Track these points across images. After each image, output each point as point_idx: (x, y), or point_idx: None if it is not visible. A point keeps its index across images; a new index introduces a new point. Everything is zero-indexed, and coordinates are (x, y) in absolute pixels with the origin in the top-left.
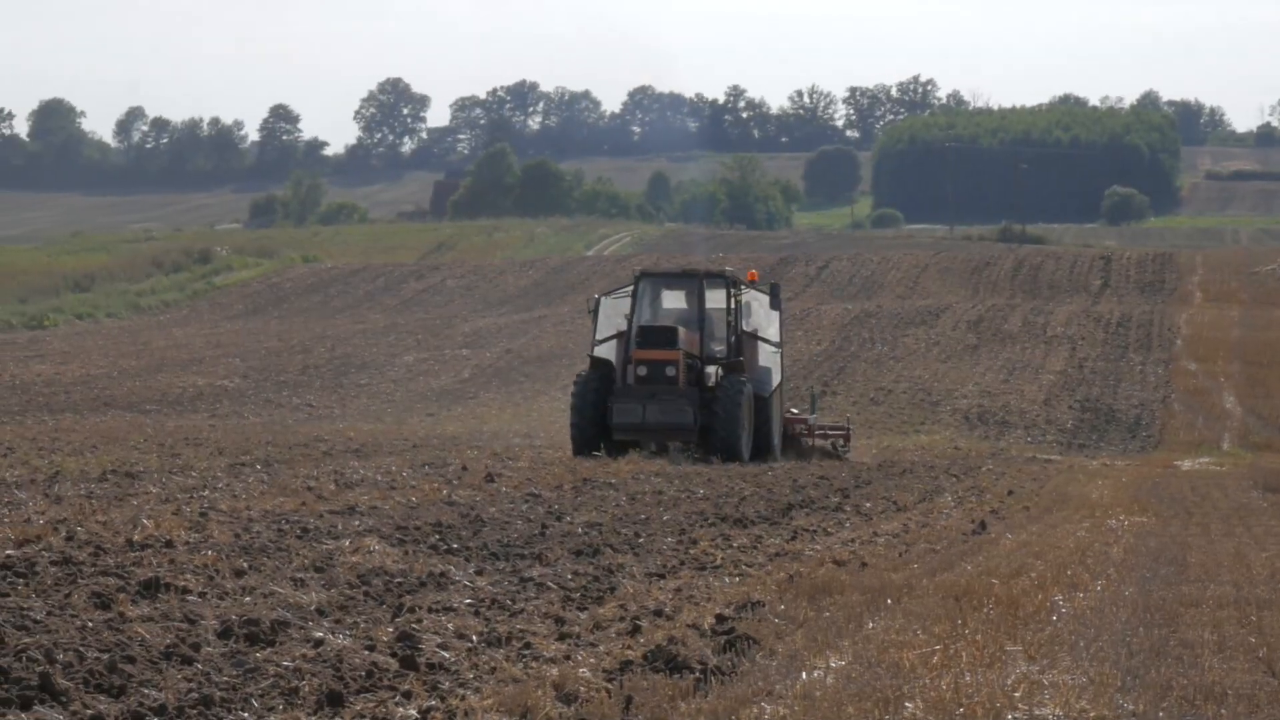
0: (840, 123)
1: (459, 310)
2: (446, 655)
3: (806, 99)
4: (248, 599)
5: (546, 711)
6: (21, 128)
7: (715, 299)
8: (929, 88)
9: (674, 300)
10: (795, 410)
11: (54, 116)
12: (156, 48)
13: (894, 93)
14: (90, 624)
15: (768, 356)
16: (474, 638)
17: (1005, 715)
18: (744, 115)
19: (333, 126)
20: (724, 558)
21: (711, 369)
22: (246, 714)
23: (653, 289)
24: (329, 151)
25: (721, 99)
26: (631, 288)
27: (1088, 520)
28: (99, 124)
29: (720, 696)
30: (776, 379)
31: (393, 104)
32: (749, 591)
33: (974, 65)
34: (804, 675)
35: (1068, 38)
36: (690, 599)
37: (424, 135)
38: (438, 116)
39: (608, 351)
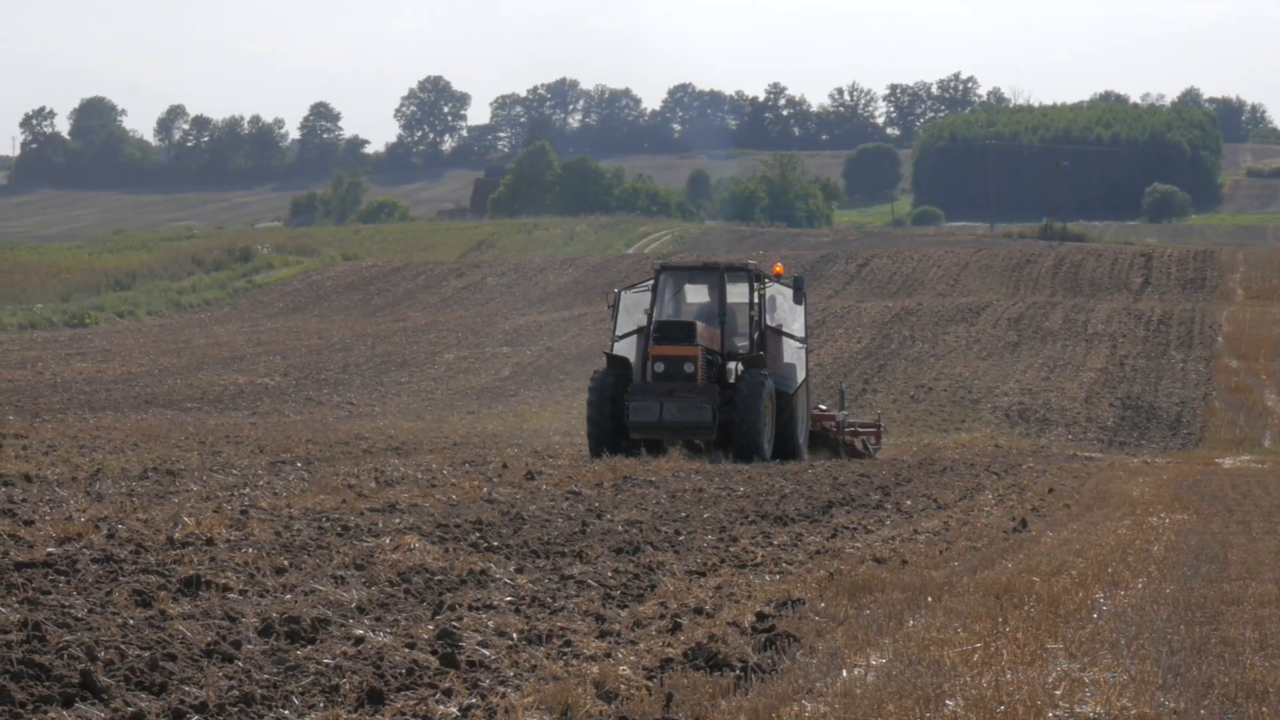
0: (881, 120)
1: (499, 308)
2: (487, 653)
3: (847, 96)
4: (288, 597)
5: (587, 709)
6: (63, 126)
7: (738, 293)
8: (969, 85)
9: (696, 295)
10: (824, 407)
11: (95, 115)
12: (197, 46)
13: (934, 90)
14: (131, 622)
15: (792, 352)
16: (514, 635)
17: (1046, 713)
18: (784, 113)
19: (373, 125)
20: (764, 555)
21: (733, 365)
22: (287, 711)
23: (673, 283)
24: (369, 150)
25: (762, 96)
26: (652, 282)
27: (1129, 518)
28: (140, 122)
29: (761, 694)
30: (801, 375)
31: (433, 102)
32: (789, 589)
33: (1014, 63)
34: (844, 673)
35: (1108, 35)
36: (730, 597)
37: (464, 133)
38: (478, 114)
39: (628, 347)
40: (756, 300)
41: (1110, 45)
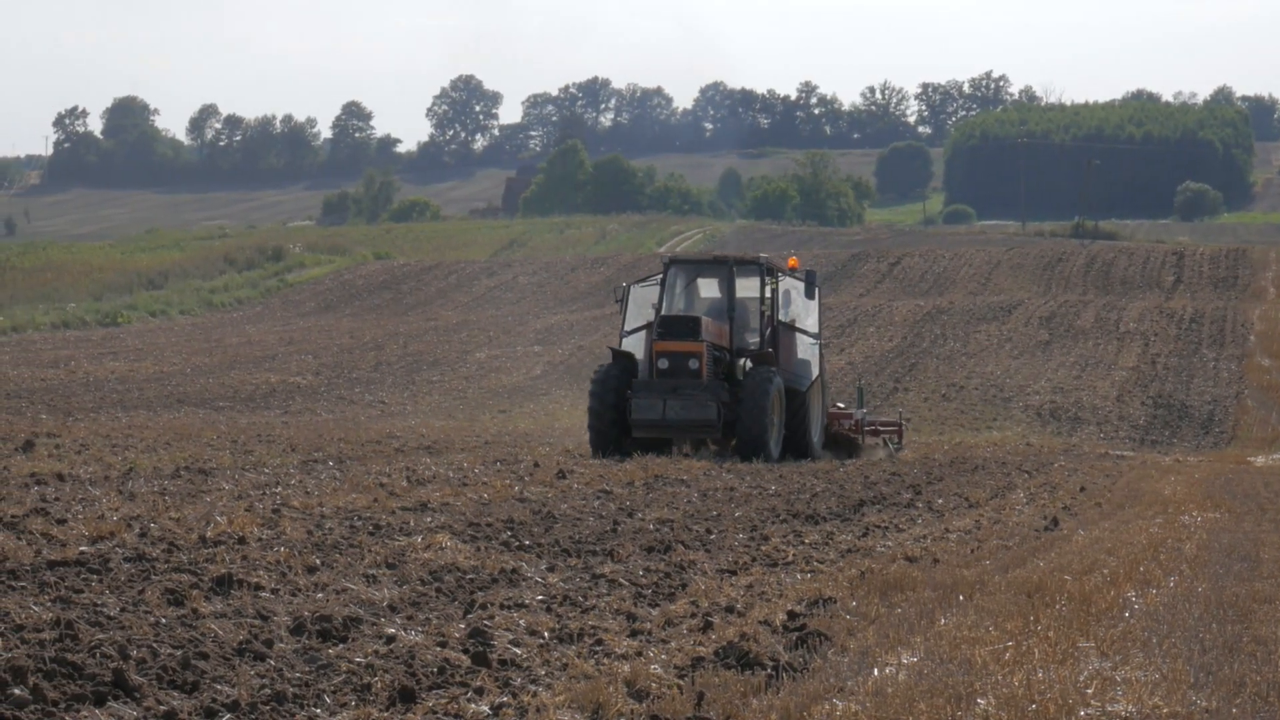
0: (912, 119)
1: (531, 307)
2: (518, 651)
3: (879, 95)
4: (320, 595)
5: (618, 708)
6: (96, 125)
7: (750, 288)
8: (1001, 84)
9: (708, 290)
10: (841, 405)
11: (128, 114)
12: (230, 46)
13: (966, 89)
14: (163, 620)
15: (806, 348)
16: (546, 634)
17: (1078, 712)
18: (816, 111)
19: (405, 124)
20: (795, 554)
21: (743, 362)
22: (319, 710)
23: (683, 277)
24: (401, 149)
25: (793, 95)
26: (661, 276)
27: (1160, 516)
28: (172, 122)
29: (792, 693)
30: (815, 372)
31: (465, 101)
32: (820, 588)
33: (1046, 61)
34: (875, 672)
35: (1140, 33)
36: (762, 595)
37: (496, 132)
38: (510, 113)
39: (636, 343)
40: (768, 295)
41: (1142, 43)
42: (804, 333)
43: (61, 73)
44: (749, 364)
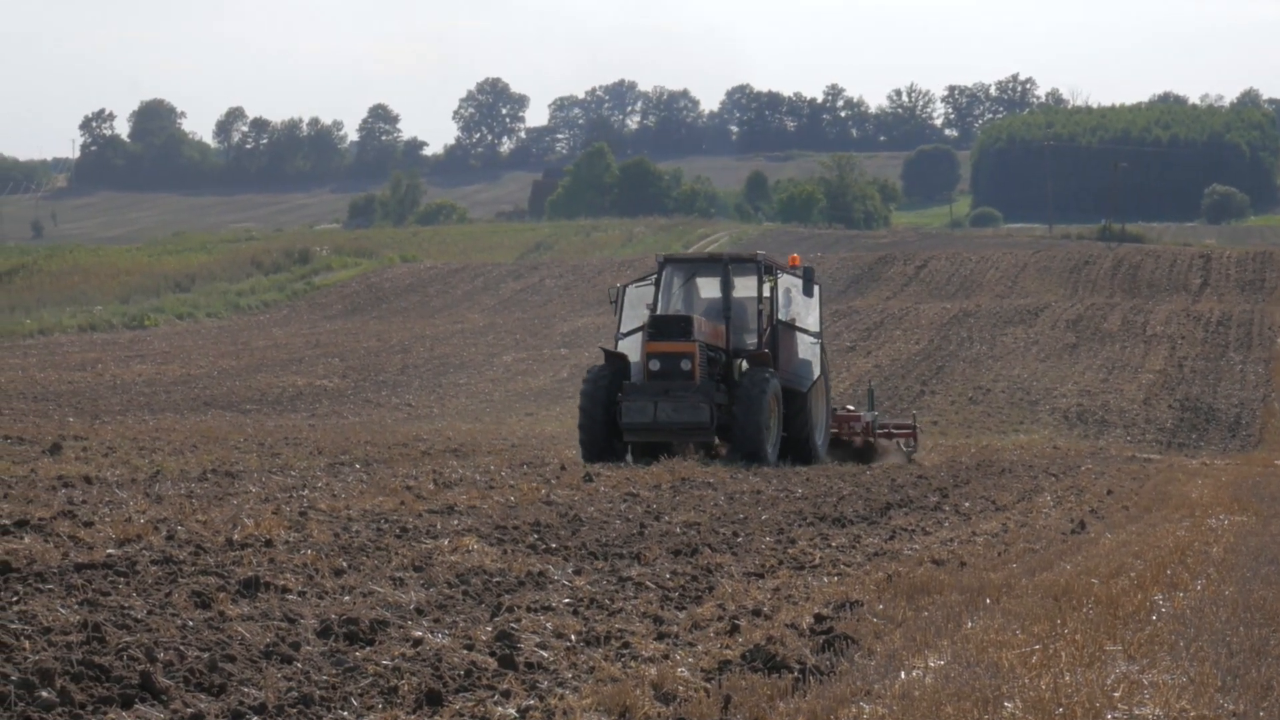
0: (939, 122)
1: (557, 310)
2: (545, 654)
3: (905, 98)
4: (347, 598)
5: (645, 711)
6: (122, 129)
7: (747, 286)
8: (1028, 86)
9: (707, 289)
10: (851, 407)
11: (154, 117)
12: (257, 49)
13: (993, 91)
14: (190, 623)
15: (807, 348)
16: (572, 637)
17: (1105, 715)
18: (842, 114)
19: (432, 127)
20: (822, 557)
21: (739, 362)
22: (346, 713)
23: (678, 277)
24: (428, 152)
25: (820, 98)
26: (656, 275)
27: (1187, 520)
28: (199, 125)
29: (819, 696)
30: (816, 372)
31: (491, 104)
32: (847, 591)
33: (1073, 64)
34: (902, 675)
35: (1167, 35)
36: (789, 598)
37: (522, 135)
38: (536, 116)
39: (632, 345)
40: (766, 294)
41: (1169, 46)
42: (805, 332)
43: (88, 76)
44: (742, 364)
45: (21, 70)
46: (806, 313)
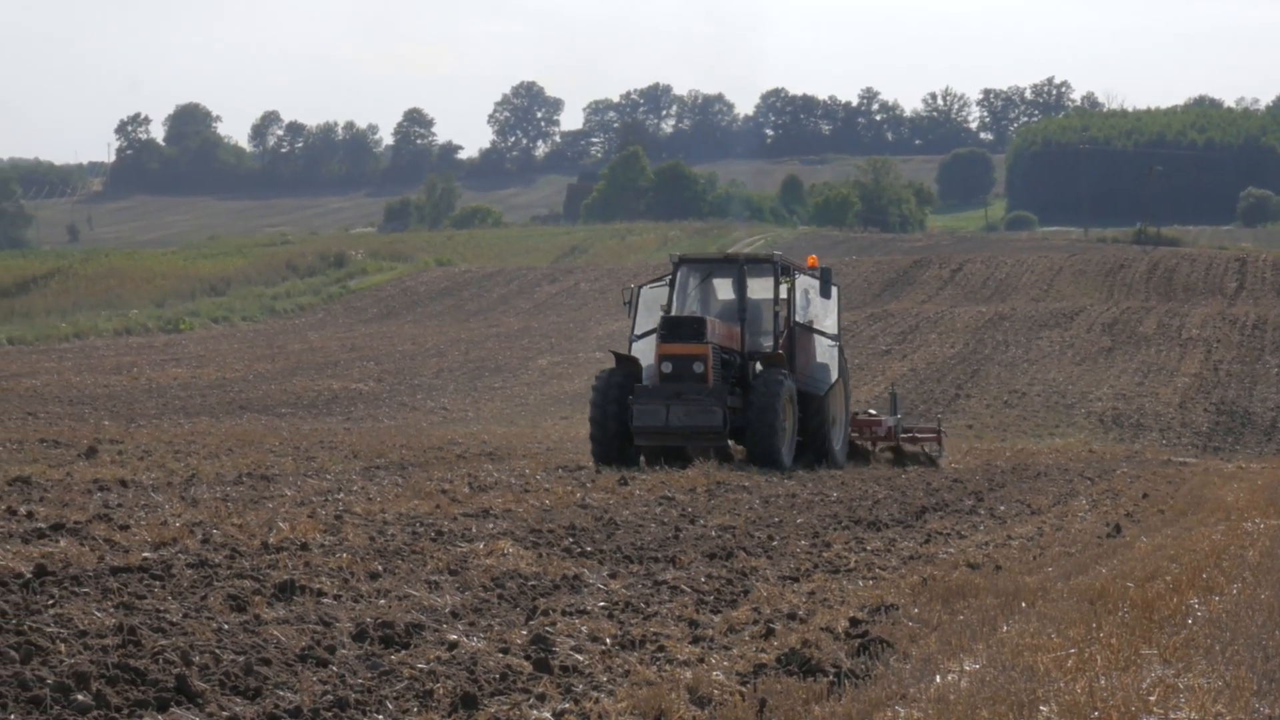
0: (974, 125)
1: (592, 313)
2: (580, 658)
3: (940, 101)
4: (382, 601)
5: (680, 714)
6: (158, 133)
7: (764, 287)
8: (1063, 89)
9: (724, 291)
10: (873, 412)
11: (190, 121)
12: (292, 53)
13: (1028, 94)
14: (226, 626)
15: (824, 351)
16: (607, 640)
17: (1140, 719)
18: (877, 118)
19: (467, 130)
20: (857, 561)
21: (755, 365)
22: (381, 716)
23: (694, 277)
24: (463, 155)
25: (855, 101)
26: (670, 276)
27: (1223, 523)
28: (234, 128)
29: (854, 700)
30: (834, 375)
31: (526, 107)
32: (882, 595)
33: (1108, 67)
34: (938, 678)
35: (1203, 38)
36: (824, 602)
37: (557, 139)
38: (571, 120)
39: (646, 348)
40: (783, 295)
41: (1204, 49)
42: (822, 334)
43: (124, 79)
44: (756, 366)
45: (57, 75)
46: (825, 315)
